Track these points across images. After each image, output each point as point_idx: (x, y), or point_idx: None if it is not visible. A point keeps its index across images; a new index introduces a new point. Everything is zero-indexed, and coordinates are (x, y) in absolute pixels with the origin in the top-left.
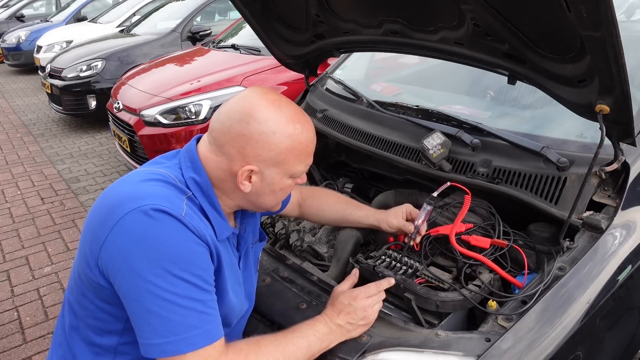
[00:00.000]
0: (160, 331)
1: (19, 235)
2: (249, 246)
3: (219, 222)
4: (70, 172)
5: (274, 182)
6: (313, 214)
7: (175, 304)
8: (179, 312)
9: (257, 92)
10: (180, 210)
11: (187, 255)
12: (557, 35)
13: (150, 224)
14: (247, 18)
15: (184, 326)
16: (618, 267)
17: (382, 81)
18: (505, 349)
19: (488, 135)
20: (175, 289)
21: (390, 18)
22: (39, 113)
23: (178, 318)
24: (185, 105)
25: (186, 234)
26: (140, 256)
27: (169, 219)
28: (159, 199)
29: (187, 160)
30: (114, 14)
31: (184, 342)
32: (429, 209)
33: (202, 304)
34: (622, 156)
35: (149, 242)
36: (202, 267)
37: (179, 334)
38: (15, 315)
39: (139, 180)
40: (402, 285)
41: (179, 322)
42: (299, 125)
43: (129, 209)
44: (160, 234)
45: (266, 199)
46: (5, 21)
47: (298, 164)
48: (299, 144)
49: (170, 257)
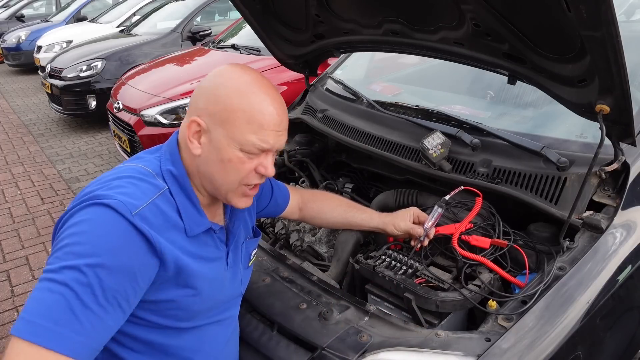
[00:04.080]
0: (28, 307)
1: (19, 235)
2: (239, 242)
3: (191, 217)
4: (70, 172)
5: (221, 147)
6: (314, 217)
7: (57, 289)
8: (55, 298)
9: (235, 62)
10: (134, 208)
11: (110, 260)
12: (557, 35)
13: (91, 217)
14: (247, 18)
15: (46, 312)
16: (618, 267)
17: (382, 81)
18: (506, 349)
19: (488, 135)
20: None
21: (390, 18)
22: (39, 113)
23: (50, 302)
24: (185, 105)
25: (125, 236)
26: (65, 241)
27: (113, 216)
28: (119, 195)
29: (167, 153)
30: (114, 14)
31: (31, 327)
32: (439, 211)
33: (82, 307)
34: (622, 156)
35: (82, 233)
36: (121, 278)
37: (37, 317)
38: (15, 315)
39: (110, 178)
40: (402, 285)
41: (47, 306)
42: (257, 89)
43: (84, 203)
44: (97, 228)
45: (214, 170)
46: (5, 21)
47: (247, 132)
48: (251, 108)
49: (91, 251)
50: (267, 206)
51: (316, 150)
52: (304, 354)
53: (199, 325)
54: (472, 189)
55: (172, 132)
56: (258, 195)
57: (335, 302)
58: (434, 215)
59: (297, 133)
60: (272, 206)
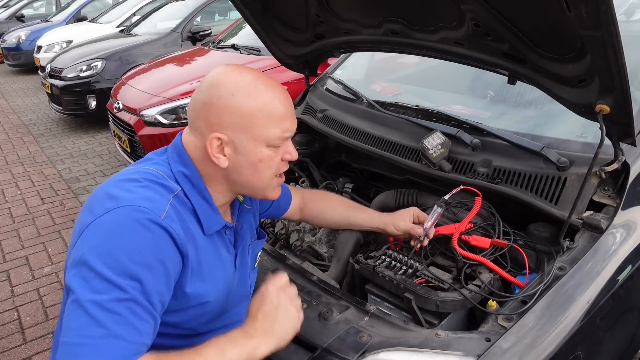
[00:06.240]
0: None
1: (19, 235)
2: (246, 244)
3: (208, 215)
4: (70, 172)
5: (249, 151)
6: (315, 217)
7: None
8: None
9: (223, 65)
10: (160, 212)
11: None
12: (557, 35)
13: (122, 224)
14: (247, 18)
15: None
16: (618, 267)
17: (382, 81)
18: (506, 349)
19: (488, 135)
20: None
21: (390, 18)
22: (39, 113)
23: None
24: (185, 105)
25: (154, 240)
26: (98, 249)
27: (147, 225)
28: (140, 200)
29: (175, 155)
30: (114, 14)
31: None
32: (439, 211)
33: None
34: (622, 156)
35: (113, 240)
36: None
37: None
38: (15, 315)
39: (124, 179)
40: (402, 285)
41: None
42: (261, 86)
43: (108, 209)
44: (128, 236)
45: (248, 174)
46: (5, 21)
47: (269, 128)
48: (264, 105)
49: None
50: (269, 207)
51: (316, 150)
52: (304, 354)
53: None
54: (471, 189)
55: (172, 132)
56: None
57: (335, 302)
58: (434, 215)
59: (297, 133)
60: (274, 207)
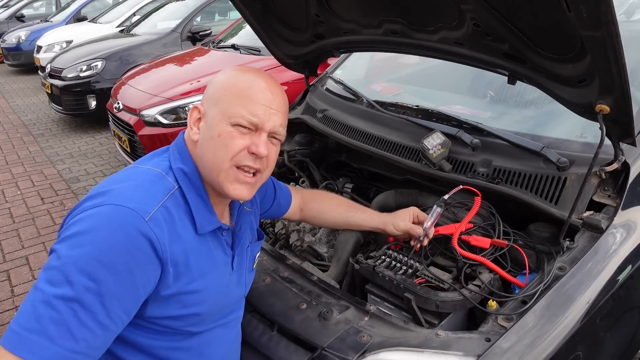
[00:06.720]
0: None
1: (19, 235)
2: (244, 245)
3: (202, 214)
4: (70, 172)
5: (213, 124)
6: (315, 217)
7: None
8: (50, 313)
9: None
10: (145, 214)
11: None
12: (557, 35)
13: (101, 222)
14: (247, 18)
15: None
16: (618, 267)
17: (382, 81)
18: (506, 349)
19: (488, 135)
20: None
21: (390, 18)
22: (39, 113)
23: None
24: (185, 105)
25: (128, 245)
26: (71, 240)
27: (125, 228)
28: (128, 200)
29: (176, 152)
30: (114, 14)
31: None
32: (438, 211)
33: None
34: (622, 156)
35: (87, 235)
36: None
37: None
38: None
39: (120, 177)
40: (402, 285)
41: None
42: (252, 71)
43: (95, 204)
44: (102, 235)
45: (205, 150)
46: (5, 21)
47: (237, 105)
48: (240, 82)
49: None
50: (270, 208)
51: (316, 150)
52: (304, 354)
53: (206, 329)
54: (470, 189)
55: (171, 132)
56: (262, 197)
57: (335, 302)
58: (433, 214)
59: (297, 133)
60: (275, 208)
